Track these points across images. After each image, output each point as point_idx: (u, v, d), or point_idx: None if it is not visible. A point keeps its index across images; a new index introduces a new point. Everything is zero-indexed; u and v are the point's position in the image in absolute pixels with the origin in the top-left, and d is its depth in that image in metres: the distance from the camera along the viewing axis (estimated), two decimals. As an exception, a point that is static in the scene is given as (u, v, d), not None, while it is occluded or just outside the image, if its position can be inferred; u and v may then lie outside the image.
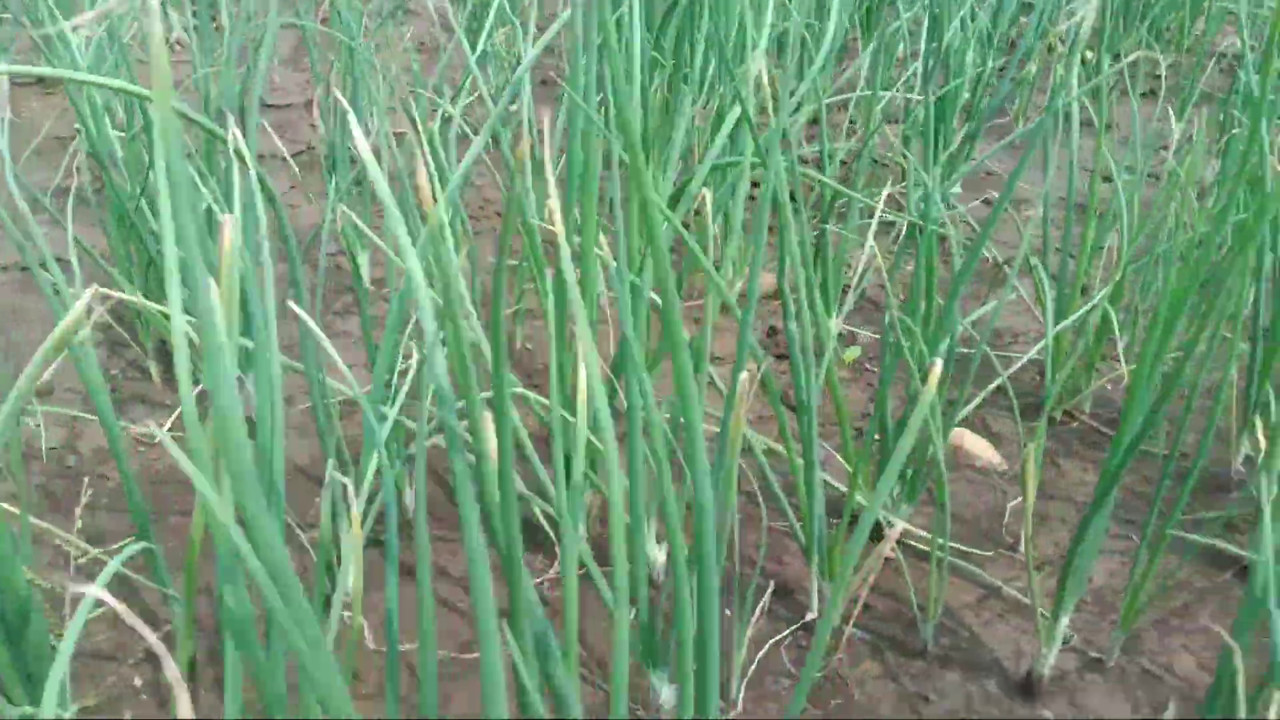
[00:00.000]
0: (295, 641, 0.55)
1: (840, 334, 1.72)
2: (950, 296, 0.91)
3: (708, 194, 1.08)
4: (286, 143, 2.34)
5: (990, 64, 1.83)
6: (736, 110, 1.14)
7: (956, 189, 2.12)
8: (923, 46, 1.87)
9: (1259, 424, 1.21)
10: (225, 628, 0.68)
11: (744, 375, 0.68)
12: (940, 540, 1.03)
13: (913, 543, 1.25)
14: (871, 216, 1.87)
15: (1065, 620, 1.02)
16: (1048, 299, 1.25)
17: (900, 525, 1.03)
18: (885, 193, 1.25)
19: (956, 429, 1.46)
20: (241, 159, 0.84)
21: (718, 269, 1.82)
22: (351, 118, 0.48)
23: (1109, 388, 1.55)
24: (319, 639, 0.56)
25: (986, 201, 2.20)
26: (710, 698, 0.73)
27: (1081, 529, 0.93)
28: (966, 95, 1.98)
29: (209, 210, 1.26)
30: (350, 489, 0.71)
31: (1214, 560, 1.24)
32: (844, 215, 1.75)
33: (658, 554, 1.16)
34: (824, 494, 1.14)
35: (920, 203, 1.02)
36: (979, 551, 1.24)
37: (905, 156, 1.94)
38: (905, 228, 1.33)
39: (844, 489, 1.18)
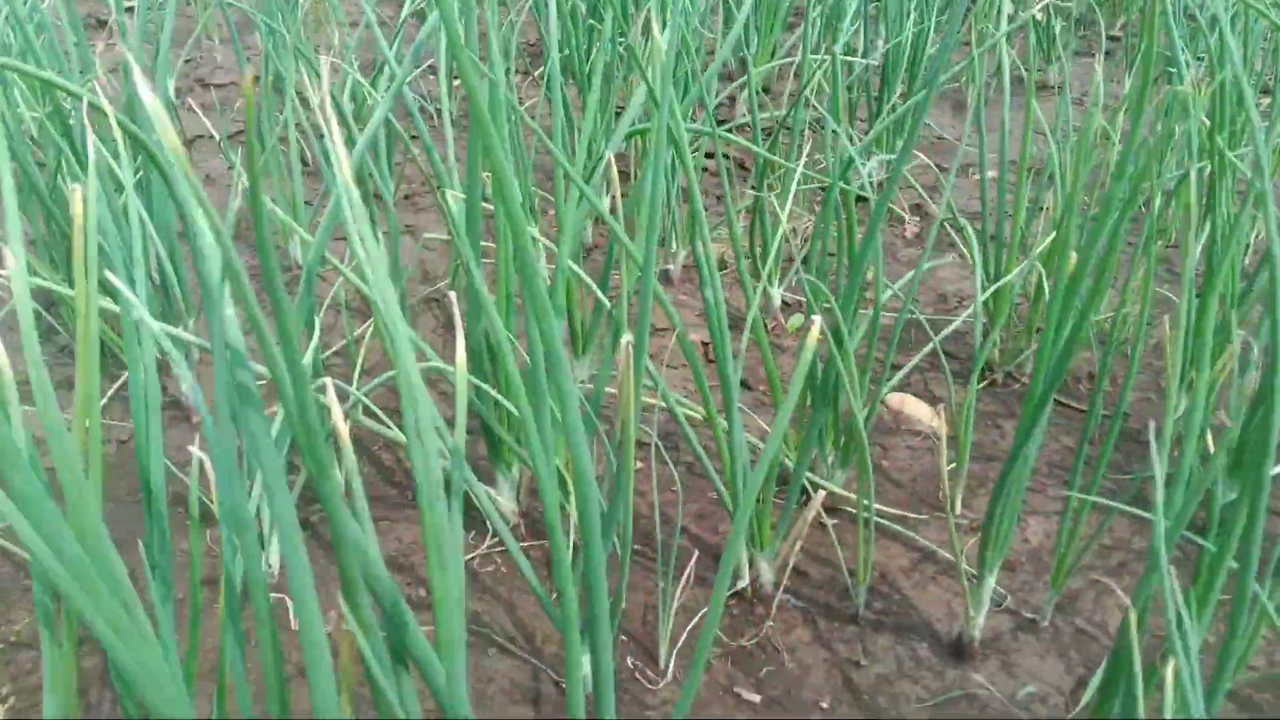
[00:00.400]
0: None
1: (787, 303, 1.70)
2: (857, 258, 0.89)
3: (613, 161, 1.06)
4: (230, 123, 2.30)
5: (929, 25, 1.80)
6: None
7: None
8: (863, 8, 1.84)
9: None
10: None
11: (624, 340, 0.66)
12: (865, 502, 1.01)
13: (851, 509, 1.24)
14: (811, 182, 1.85)
15: (991, 581, 1.01)
16: (977, 261, 1.23)
17: (822, 493, 1.02)
18: (803, 158, 1.23)
19: (897, 393, 1.45)
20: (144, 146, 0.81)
21: (663, 242, 1.79)
22: (138, 75, 0.45)
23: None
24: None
25: (939, 166, 2.19)
26: (603, 664, 0.72)
27: (999, 487, 0.92)
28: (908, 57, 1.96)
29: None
30: (207, 462, 0.68)
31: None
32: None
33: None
34: (761, 462, 1.12)
35: (838, 166, 1.00)
36: (914, 515, 1.24)
37: (819, 124, 1.92)
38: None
39: (778, 454, 1.16)
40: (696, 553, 1.18)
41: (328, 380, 0.71)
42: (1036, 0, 2.70)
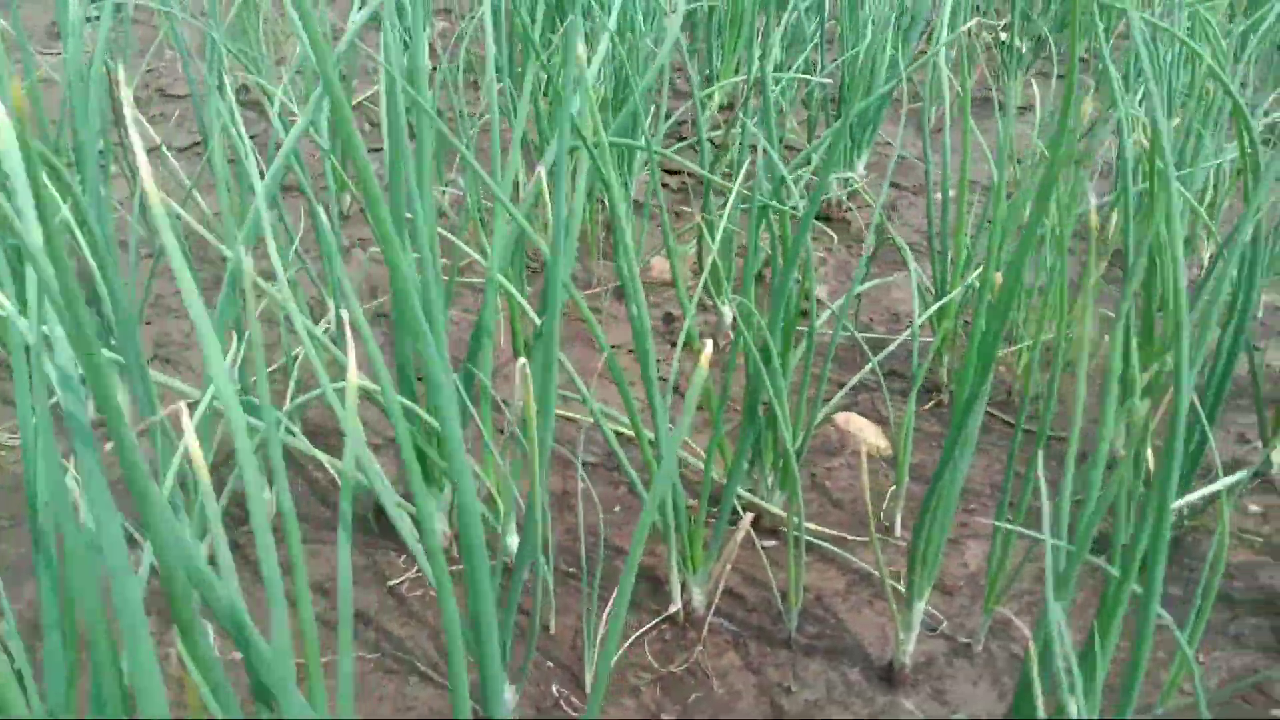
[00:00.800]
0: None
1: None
2: (784, 275, 0.88)
3: (541, 174, 1.05)
4: (185, 134, 2.28)
5: (885, 42, 1.81)
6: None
7: (862, 170, 2.10)
8: (820, 26, 1.84)
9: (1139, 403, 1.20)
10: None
11: (520, 362, 0.65)
12: (796, 520, 1.00)
13: (795, 532, 1.23)
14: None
15: (920, 605, 0.99)
16: (913, 280, 1.23)
17: (749, 514, 1.01)
18: (748, 178, 1.22)
19: (843, 412, 1.44)
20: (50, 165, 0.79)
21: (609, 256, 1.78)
22: None
23: (1001, 370, 1.54)
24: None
25: (895, 185, 2.19)
26: (493, 692, 0.70)
27: (924, 509, 0.91)
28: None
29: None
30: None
31: (1095, 542, 1.22)
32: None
33: (515, 545, 1.13)
34: (700, 484, 1.11)
35: (767, 183, 0.99)
36: (854, 537, 1.22)
37: (750, 145, 1.92)
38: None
39: (711, 472, 1.15)
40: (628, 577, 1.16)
41: (257, 399, 0.69)
42: (1002, 21, 2.71)
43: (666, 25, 2.09)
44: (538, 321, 1.09)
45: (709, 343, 0.63)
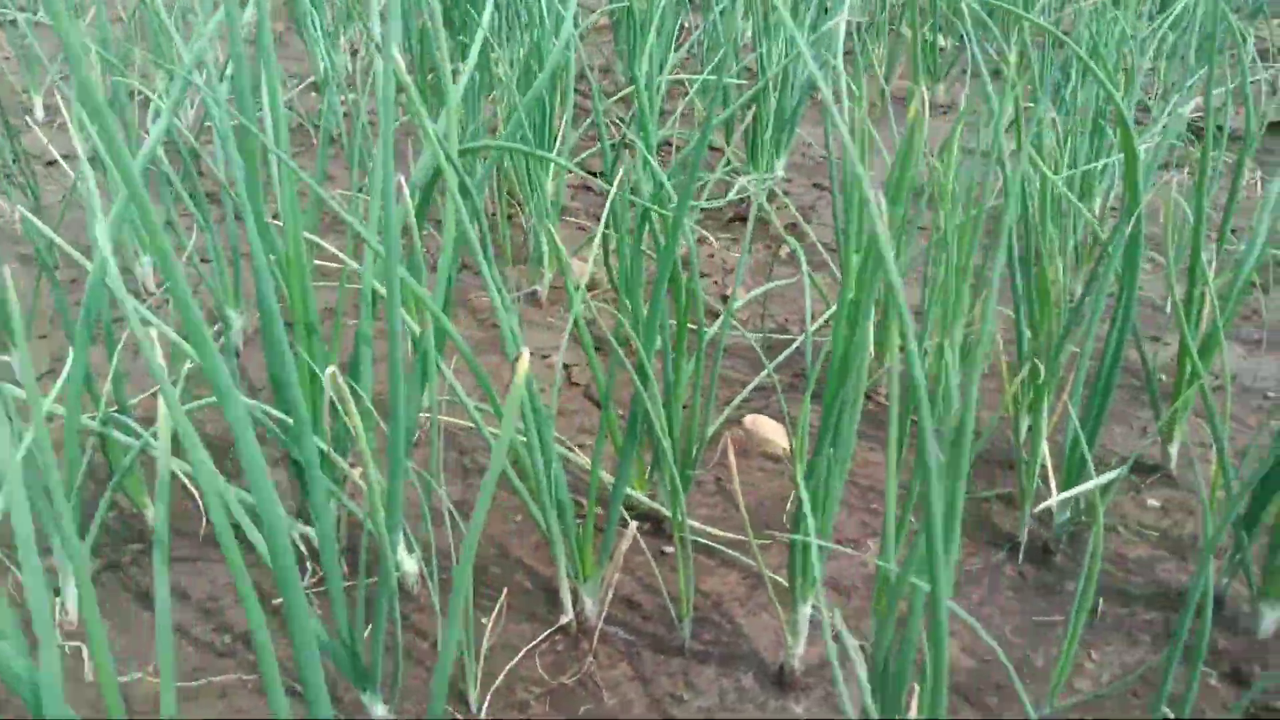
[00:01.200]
0: None
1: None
2: (657, 282, 0.87)
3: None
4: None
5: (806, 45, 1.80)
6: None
7: (781, 172, 2.10)
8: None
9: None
10: None
11: (330, 369, 0.62)
12: (680, 519, 0.98)
13: (695, 537, 1.21)
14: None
15: (806, 610, 0.98)
16: (806, 284, 1.22)
17: (634, 523, 0.99)
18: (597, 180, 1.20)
19: (751, 415, 1.43)
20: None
21: (541, 260, 1.76)
22: None
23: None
24: None
25: (817, 185, 2.19)
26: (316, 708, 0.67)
27: (800, 510, 0.90)
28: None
29: None
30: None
31: (992, 539, 1.22)
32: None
33: (408, 563, 1.10)
34: (592, 490, 1.09)
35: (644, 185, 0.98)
36: (756, 540, 1.21)
37: (627, 148, 1.91)
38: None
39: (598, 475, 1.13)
40: (530, 586, 1.14)
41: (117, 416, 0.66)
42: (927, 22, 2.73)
43: (563, 30, 2.07)
44: (416, 330, 1.06)
45: (525, 353, 0.62)
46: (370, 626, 0.90)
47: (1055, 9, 2.59)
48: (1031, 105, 1.93)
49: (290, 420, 0.86)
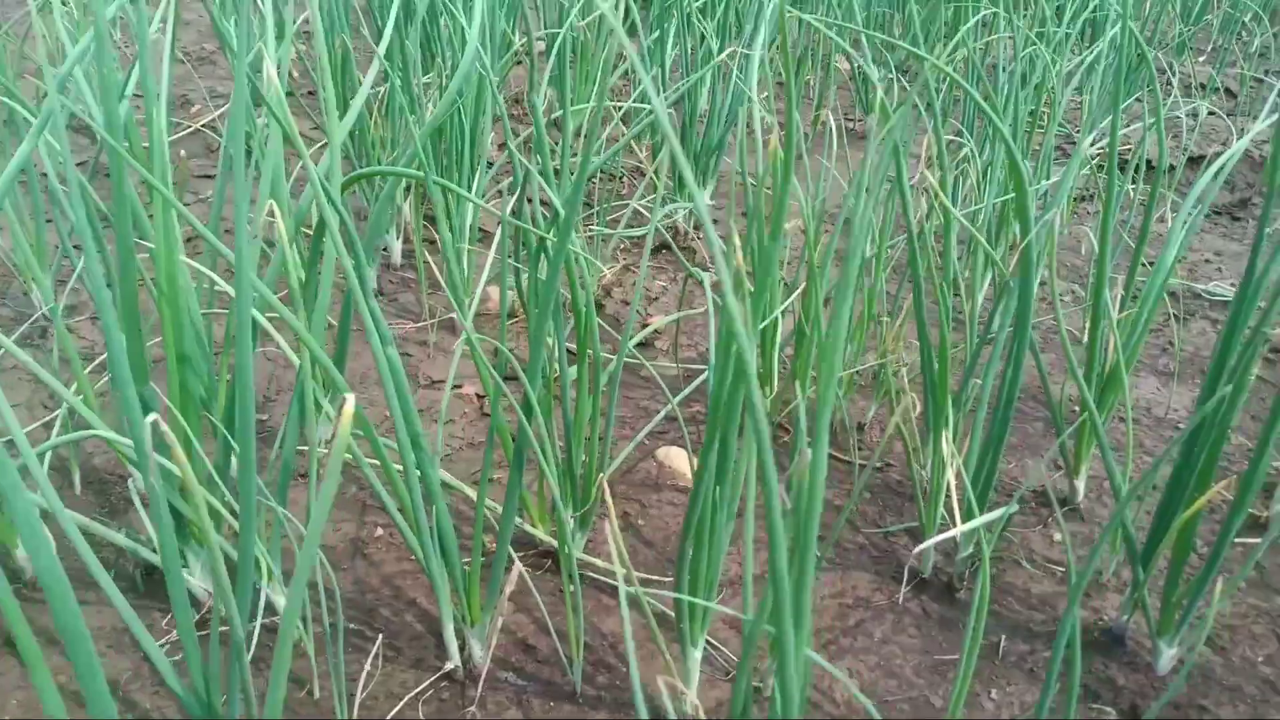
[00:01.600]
0: None
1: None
2: (541, 308, 0.84)
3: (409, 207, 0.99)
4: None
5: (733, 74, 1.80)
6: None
7: (708, 199, 2.09)
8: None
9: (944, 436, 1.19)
10: None
11: (152, 416, 0.59)
12: (568, 551, 0.95)
13: (595, 575, 1.18)
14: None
15: (697, 654, 0.95)
16: (710, 312, 1.20)
17: (518, 567, 0.96)
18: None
19: (663, 447, 1.40)
20: None
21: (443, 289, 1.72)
22: None
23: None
24: None
25: (744, 214, 2.18)
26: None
27: (681, 553, 0.87)
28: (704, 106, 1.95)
29: None
30: None
31: (896, 573, 1.21)
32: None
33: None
34: (489, 532, 1.05)
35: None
36: (660, 578, 1.18)
37: (641, 173, 1.90)
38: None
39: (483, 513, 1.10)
40: (420, 629, 1.10)
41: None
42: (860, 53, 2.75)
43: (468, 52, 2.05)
44: (324, 359, 1.03)
45: (350, 399, 0.58)
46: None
47: (982, 37, 2.62)
48: (957, 139, 1.95)
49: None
